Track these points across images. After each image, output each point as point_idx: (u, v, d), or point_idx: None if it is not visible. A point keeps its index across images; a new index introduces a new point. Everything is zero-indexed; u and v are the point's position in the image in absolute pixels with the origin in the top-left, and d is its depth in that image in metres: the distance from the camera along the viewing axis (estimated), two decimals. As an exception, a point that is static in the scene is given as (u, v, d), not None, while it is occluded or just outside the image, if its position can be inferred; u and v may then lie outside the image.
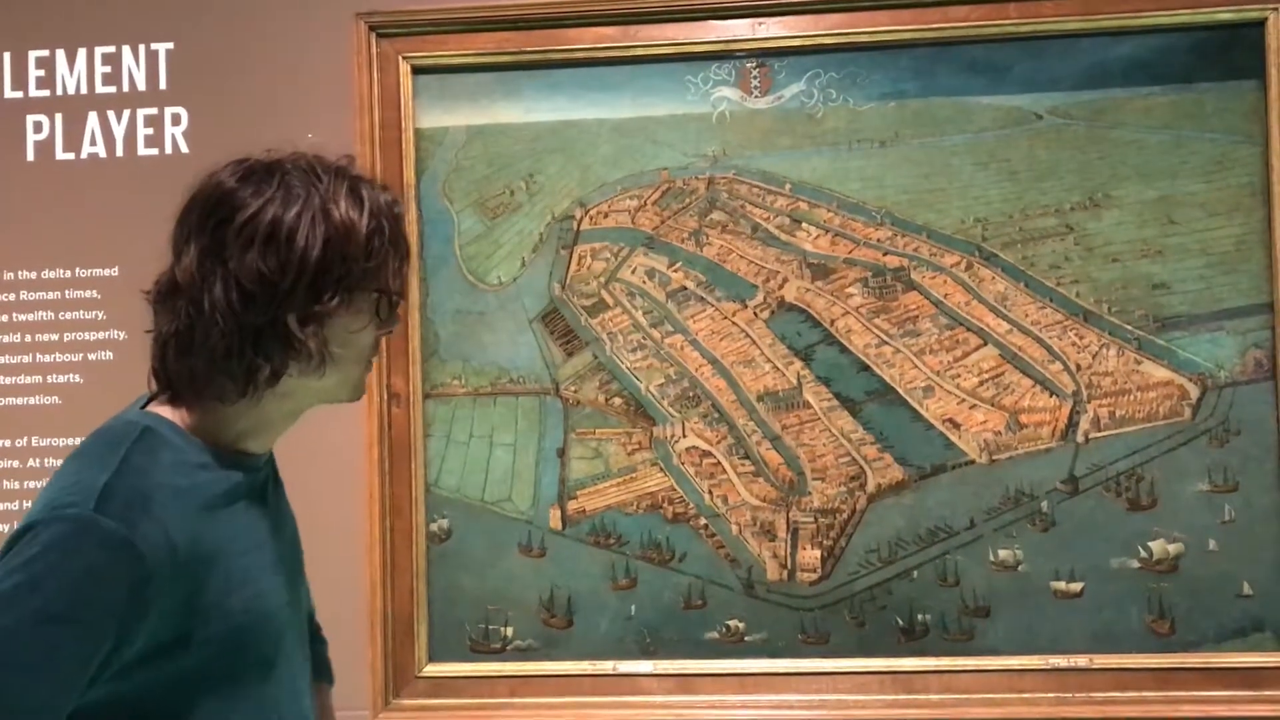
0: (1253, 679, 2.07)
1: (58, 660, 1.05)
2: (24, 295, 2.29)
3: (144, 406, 1.26)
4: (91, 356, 2.28)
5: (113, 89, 2.31)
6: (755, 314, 2.20)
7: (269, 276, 1.18)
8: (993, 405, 2.14)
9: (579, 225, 2.23)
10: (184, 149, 2.29)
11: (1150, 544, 2.11)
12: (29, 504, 2.21)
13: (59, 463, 2.19)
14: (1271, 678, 2.06)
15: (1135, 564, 2.11)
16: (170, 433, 1.20)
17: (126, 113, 2.31)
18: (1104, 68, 2.13)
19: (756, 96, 2.19)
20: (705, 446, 2.20)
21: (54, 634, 1.04)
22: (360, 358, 1.28)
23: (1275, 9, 2.08)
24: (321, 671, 1.57)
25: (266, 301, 1.18)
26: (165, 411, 1.23)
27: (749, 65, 2.19)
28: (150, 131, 2.30)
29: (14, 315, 2.29)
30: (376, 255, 1.23)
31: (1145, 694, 2.08)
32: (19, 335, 2.29)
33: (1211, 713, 2.06)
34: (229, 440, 1.25)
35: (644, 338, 2.21)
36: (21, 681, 1.03)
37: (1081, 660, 2.10)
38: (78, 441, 2.19)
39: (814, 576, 2.16)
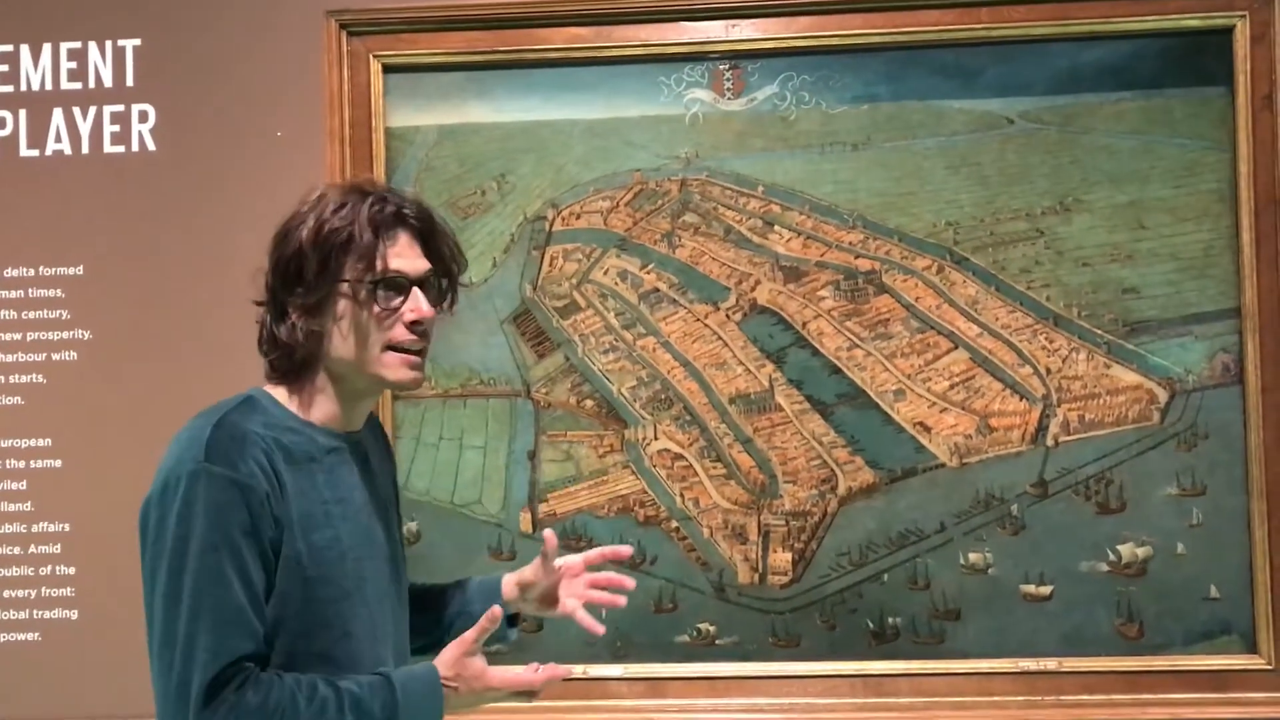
0: (1220, 681, 2.08)
1: (228, 577, 1.31)
2: (-14, 294, 2.26)
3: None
4: (55, 356, 2.25)
5: (79, 85, 2.28)
6: (727, 316, 2.19)
7: (268, 275, 1.43)
8: (963, 409, 2.15)
9: (551, 226, 2.22)
10: (151, 146, 2.26)
11: (1119, 547, 2.12)
12: (-2, 505, 2.22)
13: (21, 464, 2.21)
14: (1238, 680, 2.08)
15: (1104, 567, 2.12)
16: (267, 402, 1.44)
17: (93, 109, 2.28)
18: (1075, 73, 2.15)
19: (730, 98, 2.19)
20: (677, 449, 2.19)
21: (216, 559, 1.31)
22: (364, 343, 1.42)
23: (1243, 17, 2.10)
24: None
25: (271, 295, 1.43)
26: (268, 387, 1.46)
27: (722, 67, 2.19)
28: (117, 129, 2.27)
29: (-24, 314, 2.26)
30: (333, 253, 1.40)
31: (1114, 696, 2.09)
32: (-19, 334, 2.26)
33: (1179, 715, 2.07)
34: (315, 415, 1.45)
35: (616, 340, 2.21)
36: (215, 597, 1.31)
37: (1051, 663, 2.10)
38: (42, 443, 2.22)
39: (785, 580, 2.15)
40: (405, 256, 1.43)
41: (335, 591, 1.41)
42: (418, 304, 1.42)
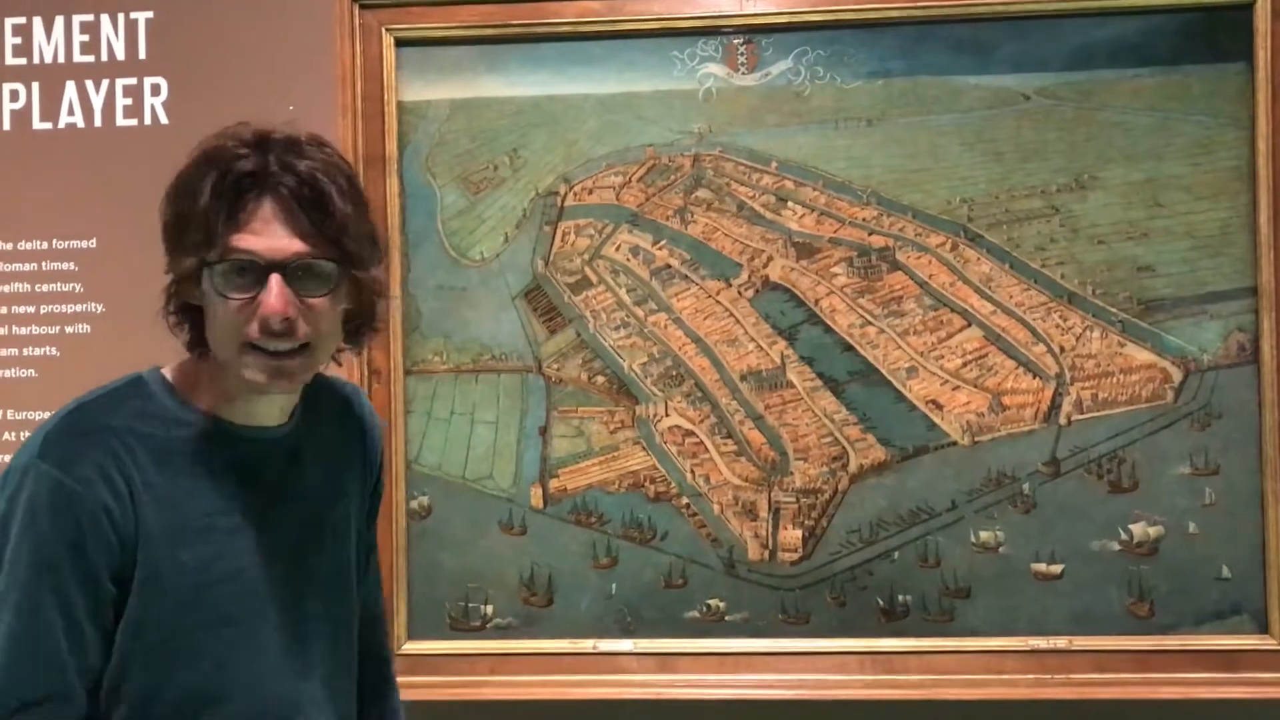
0: (1230, 661, 2.08)
1: (38, 598, 1.11)
2: (0, 266, 2.26)
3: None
4: (69, 329, 2.26)
5: (91, 58, 2.28)
6: (739, 293, 2.19)
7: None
8: (976, 387, 2.14)
9: (563, 201, 2.21)
10: (163, 120, 2.26)
11: (1131, 527, 2.11)
12: (4, 476, 2.22)
13: (34, 436, 2.21)
14: (1249, 660, 2.07)
15: (1116, 546, 2.11)
16: (158, 388, 1.25)
17: (105, 82, 2.27)
18: (1091, 49, 2.12)
19: (743, 73, 2.18)
20: (688, 426, 2.19)
21: (29, 575, 1.11)
22: (223, 336, 1.20)
23: (1264, -8, 2.08)
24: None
25: (168, 265, 1.23)
26: (168, 370, 1.28)
27: (736, 42, 2.17)
28: (129, 102, 2.27)
29: (-10, 287, 2.27)
30: (173, 227, 1.21)
31: (1124, 676, 2.08)
32: (-6, 307, 2.27)
33: (1190, 694, 2.07)
34: (211, 406, 1.25)
35: (627, 316, 2.20)
36: (16, 618, 1.11)
37: (1061, 642, 2.10)
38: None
39: (795, 556, 2.15)
40: (262, 234, 1.16)
41: (209, 616, 1.20)
42: (268, 297, 1.15)
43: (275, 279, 1.16)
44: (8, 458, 2.20)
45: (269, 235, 1.16)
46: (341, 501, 1.40)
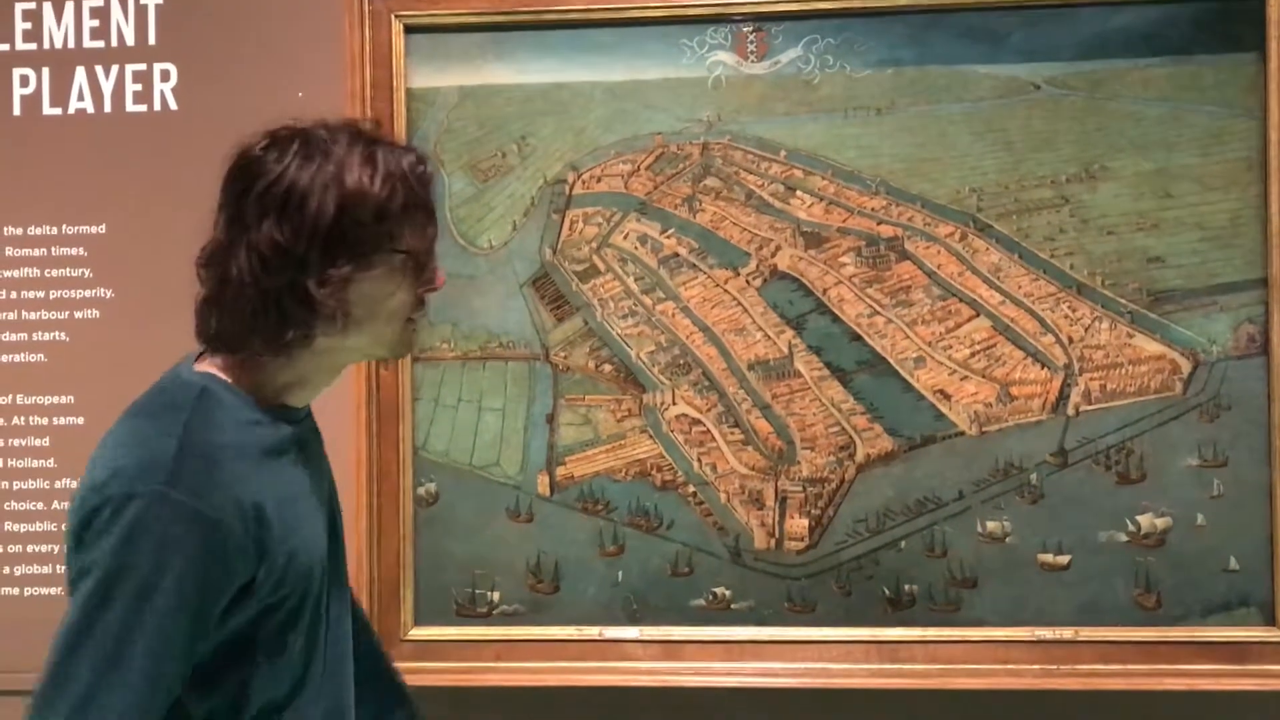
0: (1237, 653, 2.07)
1: (167, 629, 1.12)
2: (10, 252, 2.27)
3: (196, 362, 1.31)
4: (78, 314, 2.26)
5: (101, 43, 2.28)
6: (748, 282, 2.19)
7: (283, 243, 1.21)
8: (984, 377, 2.14)
9: (571, 189, 2.21)
10: (173, 106, 2.27)
11: (1138, 518, 2.11)
12: (13, 462, 2.23)
13: (44, 421, 2.23)
14: (1256, 652, 2.07)
15: (1123, 537, 2.11)
16: (224, 391, 1.26)
17: (115, 68, 2.28)
18: (1103, 38, 2.11)
19: (753, 61, 2.17)
20: (695, 414, 2.19)
21: (154, 609, 1.11)
22: (392, 317, 1.30)
23: (1277, -19, 2.07)
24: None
25: (283, 267, 1.22)
26: (215, 369, 1.29)
27: (745, 30, 2.17)
28: (139, 88, 2.28)
29: (0, 272, 2.27)
30: (392, 219, 1.25)
31: (1130, 666, 2.08)
32: (4, 292, 2.27)
33: (1196, 686, 2.06)
34: (271, 395, 1.30)
35: (635, 304, 2.20)
36: (138, 653, 1.11)
37: (1067, 632, 2.10)
38: (65, 400, 2.24)
39: (801, 545, 2.16)
40: (428, 226, 1.32)
41: (309, 600, 1.28)
42: (441, 274, 1.34)
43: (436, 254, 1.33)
44: (18, 442, 2.24)
45: (432, 224, 1.32)
46: (330, 485, 1.48)
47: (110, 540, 1.13)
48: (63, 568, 1.49)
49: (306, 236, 1.21)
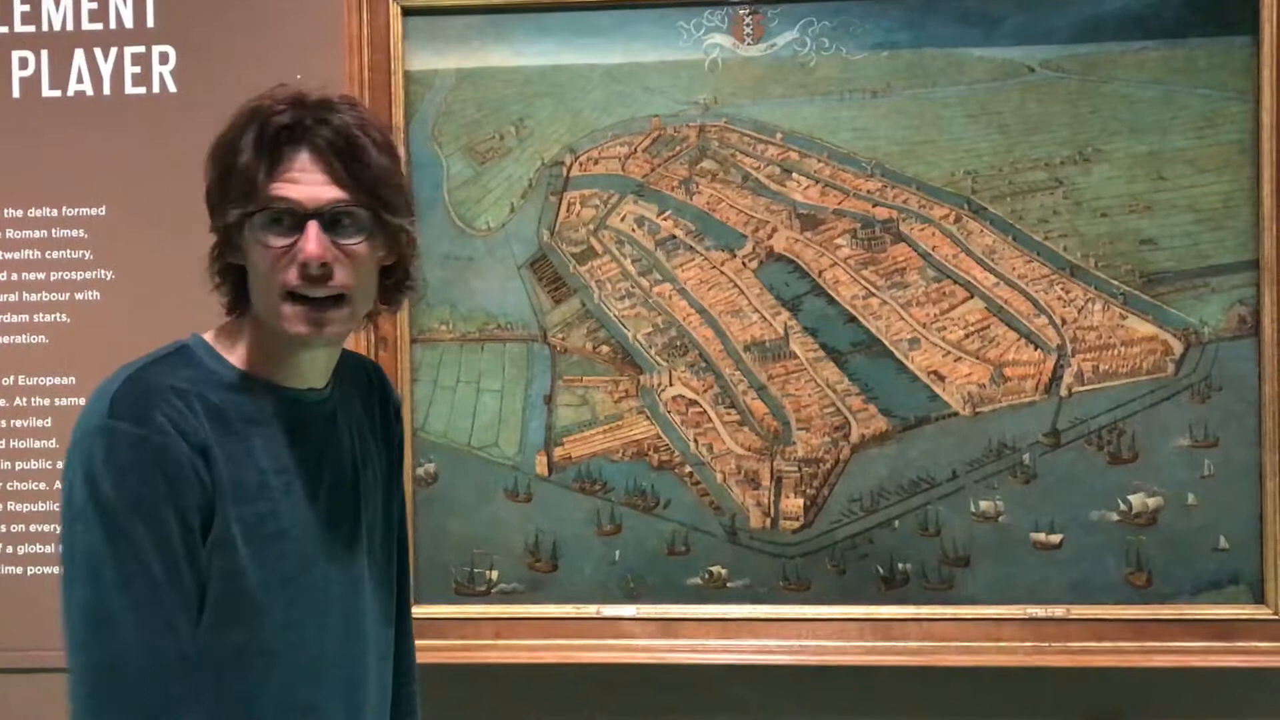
0: (1227, 630, 2.10)
1: (144, 550, 1.15)
2: (10, 234, 2.28)
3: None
4: (79, 296, 2.28)
5: (99, 26, 2.28)
6: (744, 264, 2.20)
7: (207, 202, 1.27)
8: (977, 358, 2.15)
9: (569, 171, 2.22)
10: (171, 88, 2.27)
11: (1130, 497, 2.13)
12: (15, 443, 2.25)
13: (45, 402, 2.24)
14: (1245, 629, 2.10)
15: (1115, 517, 2.13)
16: (203, 353, 1.28)
17: (114, 50, 2.28)
18: (1097, 21, 2.12)
19: (749, 44, 2.18)
20: (692, 395, 2.20)
21: (128, 530, 1.15)
22: (265, 282, 1.23)
23: (1271, -35, 2.07)
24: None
25: (212, 226, 1.26)
26: (209, 335, 1.31)
27: (742, 12, 2.18)
28: (138, 70, 2.28)
29: (0, 254, 2.28)
30: (218, 180, 1.24)
31: (1121, 644, 2.11)
32: (5, 274, 2.28)
33: (1186, 663, 2.09)
34: (261, 368, 1.29)
35: (632, 286, 2.22)
36: (125, 576, 1.15)
37: (1059, 610, 2.13)
38: (66, 381, 2.25)
39: (796, 525, 2.18)
40: (299, 183, 1.20)
41: (269, 576, 1.25)
42: (307, 242, 1.19)
43: (313, 225, 1.20)
44: (19, 423, 2.26)
45: (306, 184, 1.20)
46: (368, 469, 1.44)
47: (76, 480, 1.18)
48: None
49: (205, 193, 1.26)
